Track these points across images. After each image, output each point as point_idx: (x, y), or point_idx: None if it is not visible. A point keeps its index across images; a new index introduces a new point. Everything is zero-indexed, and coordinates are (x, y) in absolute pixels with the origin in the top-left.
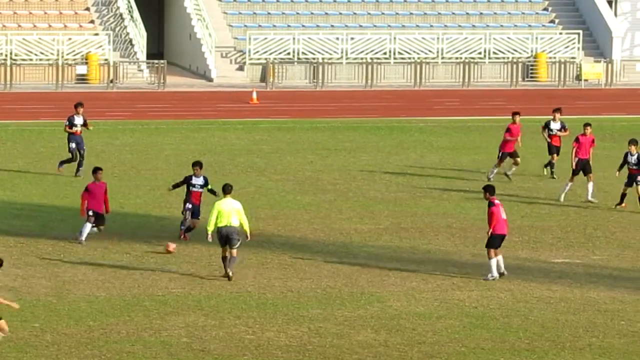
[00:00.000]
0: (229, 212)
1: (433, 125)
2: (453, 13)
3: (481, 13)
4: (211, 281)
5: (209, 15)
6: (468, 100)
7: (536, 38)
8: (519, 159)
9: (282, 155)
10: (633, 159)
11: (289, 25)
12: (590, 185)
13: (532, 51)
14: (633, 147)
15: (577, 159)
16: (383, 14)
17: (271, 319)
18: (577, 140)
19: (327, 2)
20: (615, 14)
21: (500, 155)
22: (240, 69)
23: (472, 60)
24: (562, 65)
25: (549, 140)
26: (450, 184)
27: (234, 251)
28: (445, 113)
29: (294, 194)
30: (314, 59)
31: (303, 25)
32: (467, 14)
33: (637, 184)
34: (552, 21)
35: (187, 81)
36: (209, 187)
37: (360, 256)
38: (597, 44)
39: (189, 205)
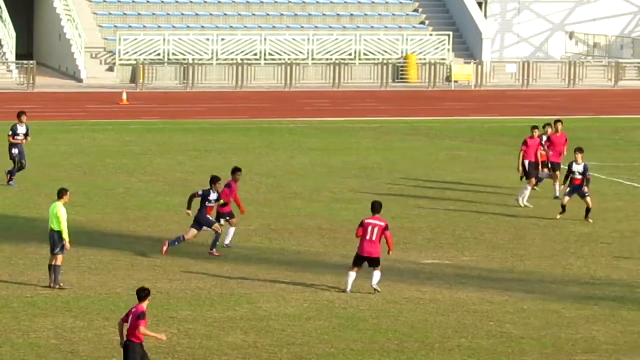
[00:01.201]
0: (51, 217)
1: (303, 126)
2: (324, 14)
3: (352, 14)
4: (80, 282)
5: (79, 16)
6: (338, 102)
7: (407, 39)
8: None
9: (152, 157)
10: (579, 169)
11: (159, 26)
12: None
13: (402, 52)
14: (579, 156)
15: (527, 162)
16: (254, 15)
17: None
18: (525, 143)
19: (197, 3)
20: (486, 16)
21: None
22: (110, 69)
23: (342, 61)
24: (433, 67)
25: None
26: (321, 185)
27: (59, 259)
28: (315, 114)
29: (163, 196)
30: (184, 60)
31: (174, 26)
32: (338, 15)
33: (585, 196)
34: (422, 23)
35: (56, 82)
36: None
37: (230, 257)
38: (467, 45)
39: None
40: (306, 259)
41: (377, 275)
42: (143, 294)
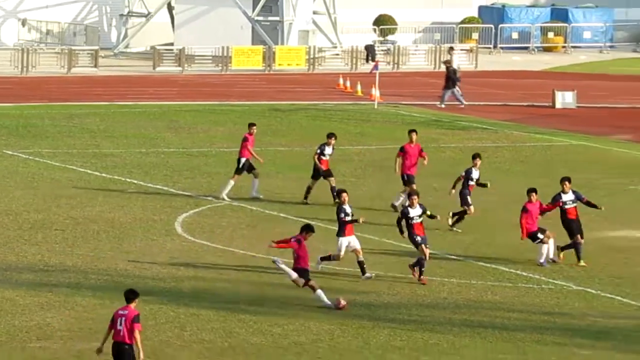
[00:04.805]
0: None
1: None
2: None
3: None
4: None
5: None
6: None
7: None
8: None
9: None
10: (476, 175)
11: None
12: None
13: None
14: (478, 161)
15: (243, 159)
16: None
17: None
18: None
19: None
20: None
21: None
22: None
23: None
24: None
25: (318, 163)
26: None
27: None
28: None
29: None
30: None
31: None
32: None
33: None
34: None
35: None
36: (428, 213)
37: None
38: None
39: (418, 239)
40: None
41: None
42: (132, 295)
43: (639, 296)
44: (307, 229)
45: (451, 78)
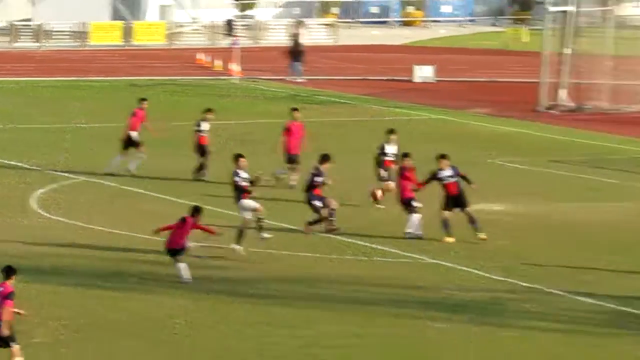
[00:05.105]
0: None
1: None
2: None
3: None
4: None
5: None
6: None
7: None
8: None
9: None
10: (392, 150)
11: None
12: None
13: None
14: (393, 136)
15: (134, 133)
16: None
17: None
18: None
19: None
20: None
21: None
22: None
23: None
24: None
25: (197, 141)
26: None
27: None
28: None
29: None
30: None
31: None
32: None
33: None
34: None
35: None
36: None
37: None
38: None
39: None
40: None
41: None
42: (10, 272)
43: (495, 269)
44: (197, 211)
45: (296, 51)
